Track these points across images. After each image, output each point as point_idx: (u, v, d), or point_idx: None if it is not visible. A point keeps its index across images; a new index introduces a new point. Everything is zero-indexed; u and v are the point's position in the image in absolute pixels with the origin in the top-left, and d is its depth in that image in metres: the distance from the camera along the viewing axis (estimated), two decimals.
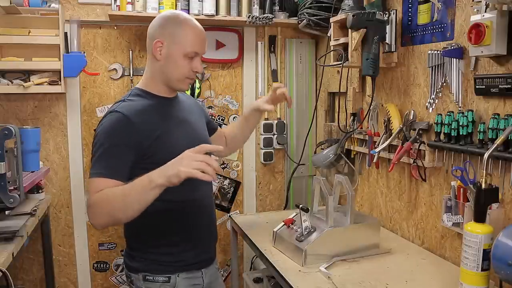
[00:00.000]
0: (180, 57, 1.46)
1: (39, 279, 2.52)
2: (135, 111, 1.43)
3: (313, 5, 2.38)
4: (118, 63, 2.54)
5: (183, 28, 1.46)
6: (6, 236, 1.70)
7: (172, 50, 1.46)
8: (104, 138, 1.38)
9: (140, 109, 1.45)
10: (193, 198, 1.55)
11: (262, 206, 2.88)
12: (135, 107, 1.44)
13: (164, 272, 1.49)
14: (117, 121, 1.39)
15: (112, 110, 1.44)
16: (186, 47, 1.46)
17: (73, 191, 2.52)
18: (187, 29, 1.47)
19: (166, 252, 1.51)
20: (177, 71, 1.48)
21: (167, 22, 1.48)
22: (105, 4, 2.43)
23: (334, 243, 1.71)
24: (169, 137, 1.46)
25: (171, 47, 1.46)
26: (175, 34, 1.45)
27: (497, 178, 1.48)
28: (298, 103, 2.85)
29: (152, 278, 1.49)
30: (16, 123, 2.36)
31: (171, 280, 1.49)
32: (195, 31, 1.49)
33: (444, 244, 1.78)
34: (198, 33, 1.50)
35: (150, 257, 1.51)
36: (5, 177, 1.68)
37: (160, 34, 1.46)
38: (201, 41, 1.50)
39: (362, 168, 2.32)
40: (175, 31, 1.46)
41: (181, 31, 1.46)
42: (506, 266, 1.18)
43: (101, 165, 1.36)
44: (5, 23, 2.21)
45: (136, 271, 1.51)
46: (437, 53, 1.71)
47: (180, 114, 1.58)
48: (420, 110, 1.87)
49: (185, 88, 1.55)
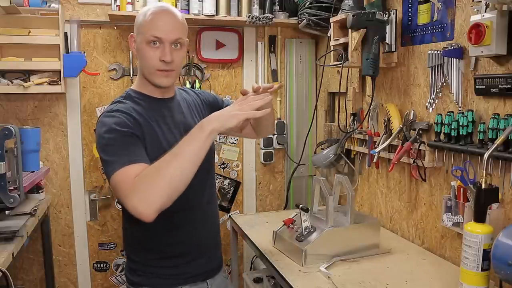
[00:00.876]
0: (144, 45, 1.34)
1: (39, 279, 2.52)
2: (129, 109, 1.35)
3: (313, 5, 2.38)
4: (118, 63, 2.54)
5: (147, 15, 1.35)
6: (6, 236, 1.70)
7: (138, 41, 1.37)
8: (112, 134, 1.25)
9: (134, 107, 1.36)
10: (195, 207, 1.46)
11: (262, 206, 2.88)
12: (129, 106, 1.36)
13: (168, 286, 1.42)
14: (120, 116, 1.30)
15: (110, 109, 1.34)
16: (146, 33, 1.33)
17: (73, 191, 2.52)
18: (149, 15, 1.35)
19: (169, 265, 1.43)
20: (146, 62, 1.36)
21: (139, 13, 1.39)
22: (105, 4, 2.44)
23: (334, 243, 1.71)
24: (160, 143, 1.35)
25: (137, 38, 1.37)
26: (140, 24, 1.36)
27: (497, 178, 1.48)
28: (298, 103, 2.85)
29: None
30: (16, 123, 2.36)
31: None
32: (156, 15, 1.34)
33: (444, 244, 1.78)
34: (160, 16, 1.34)
35: (151, 271, 1.42)
36: (5, 177, 1.68)
37: (134, 28, 1.40)
38: (164, 24, 1.33)
39: (362, 168, 2.32)
40: (141, 20, 1.36)
41: (144, 18, 1.35)
42: (506, 266, 1.18)
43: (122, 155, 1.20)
44: (5, 23, 2.21)
45: (138, 286, 1.43)
46: (437, 53, 1.71)
47: (177, 117, 1.45)
48: (420, 110, 1.87)
49: (163, 83, 1.39)
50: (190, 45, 2.63)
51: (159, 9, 1.36)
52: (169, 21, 1.35)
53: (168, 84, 1.41)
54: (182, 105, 1.51)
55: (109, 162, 1.22)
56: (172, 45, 1.35)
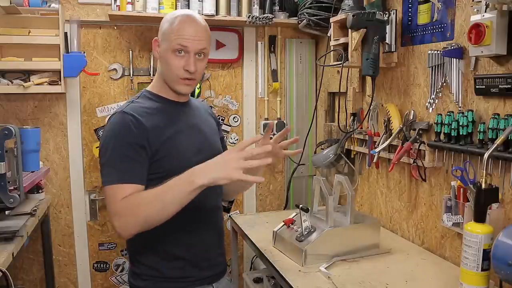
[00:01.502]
0: (169, 53, 1.34)
1: (39, 279, 2.52)
2: (143, 112, 1.35)
3: (313, 5, 2.38)
4: (118, 63, 2.54)
5: (174, 22, 1.35)
6: (6, 236, 1.70)
7: (163, 47, 1.37)
8: (115, 140, 1.29)
9: (148, 111, 1.37)
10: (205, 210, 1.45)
11: (262, 206, 2.88)
12: (144, 109, 1.37)
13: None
14: (126, 121, 1.30)
15: (119, 110, 1.35)
16: (172, 41, 1.33)
17: (73, 191, 2.52)
18: (177, 22, 1.34)
19: (175, 266, 1.41)
20: (169, 70, 1.37)
21: (165, 19, 1.40)
22: (105, 4, 2.43)
23: (334, 243, 1.71)
24: (178, 142, 1.38)
25: (162, 44, 1.37)
26: (166, 30, 1.36)
27: (497, 178, 1.48)
28: (298, 103, 2.85)
29: None
30: (16, 123, 2.35)
31: None
32: (184, 24, 1.34)
33: (444, 244, 1.78)
34: (187, 26, 1.34)
35: (156, 274, 1.40)
36: (5, 177, 1.68)
37: (159, 33, 1.41)
38: (191, 34, 1.33)
39: (362, 168, 2.32)
40: (167, 26, 1.36)
41: (170, 25, 1.35)
42: (506, 266, 1.18)
43: (117, 169, 1.27)
44: (5, 23, 2.21)
45: None
46: (437, 53, 1.71)
47: (191, 120, 1.47)
48: (420, 110, 1.87)
49: (183, 90, 1.41)
50: None
51: (187, 18, 1.36)
52: (196, 31, 1.35)
53: (188, 92, 1.45)
54: (195, 111, 1.54)
55: (103, 171, 1.31)
56: (197, 55, 1.36)
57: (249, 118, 2.78)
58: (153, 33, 2.56)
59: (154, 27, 2.56)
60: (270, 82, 2.78)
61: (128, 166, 1.28)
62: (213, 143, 1.52)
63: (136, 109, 1.35)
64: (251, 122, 2.78)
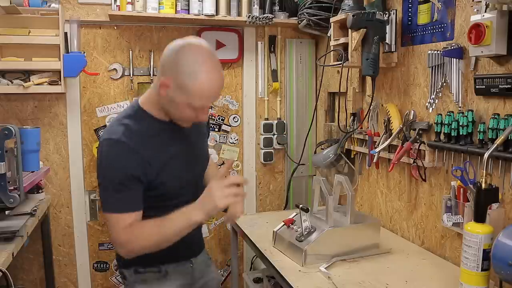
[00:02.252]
0: (185, 106, 1.30)
1: (39, 279, 2.52)
2: (137, 137, 1.33)
3: (313, 5, 2.38)
4: (118, 63, 2.54)
5: (196, 79, 1.25)
6: (6, 236, 1.70)
7: (177, 97, 1.29)
8: (110, 170, 1.32)
9: (144, 136, 1.35)
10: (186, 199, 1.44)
11: (262, 206, 2.88)
12: (137, 133, 1.34)
13: (154, 264, 1.50)
14: (120, 151, 1.31)
15: (111, 137, 1.32)
16: (194, 101, 1.29)
17: (73, 191, 2.52)
18: (199, 82, 1.26)
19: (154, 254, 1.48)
20: (179, 116, 1.36)
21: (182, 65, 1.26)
22: (105, 4, 2.43)
23: (334, 243, 1.71)
24: (173, 168, 1.40)
25: (177, 93, 1.28)
26: (185, 85, 1.26)
27: (497, 178, 1.48)
28: (298, 103, 2.85)
29: (143, 270, 1.49)
30: (16, 123, 2.35)
31: (162, 270, 1.50)
32: (207, 83, 1.27)
33: (444, 244, 1.78)
34: (211, 87, 1.29)
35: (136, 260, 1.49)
36: (5, 177, 1.68)
37: (170, 76, 1.28)
38: (213, 93, 1.32)
39: (362, 168, 2.32)
40: (186, 81, 1.26)
41: (191, 81, 1.26)
42: (506, 266, 1.18)
43: (116, 199, 1.32)
44: (5, 23, 2.21)
45: (128, 266, 1.50)
46: (437, 53, 1.71)
47: (185, 139, 1.47)
48: (420, 110, 1.87)
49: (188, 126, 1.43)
50: None
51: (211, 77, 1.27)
52: (217, 88, 1.32)
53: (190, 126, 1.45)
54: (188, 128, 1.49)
55: (101, 196, 1.37)
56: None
57: (249, 118, 2.78)
58: (153, 33, 2.57)
59: (154, 27, 2.56)
60: (270, 82, 2.78)
61: (125, 196, 1.32)
62: (202, 153, 1.61)
63: (131, 136, 1.32)
64: (251, 122, 2.78)
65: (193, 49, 1.29)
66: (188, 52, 1.28)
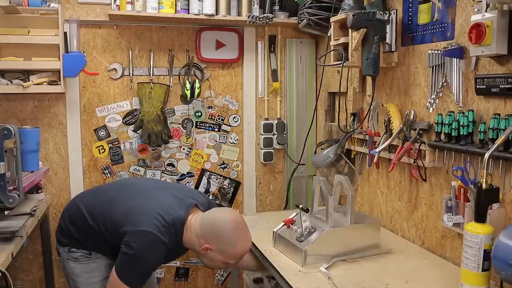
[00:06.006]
0: (219, 262, 1.70)
1: (39, 279, 2.52)
2: (171, 244, 1.65)
3: (313, 4, 2.37)
4: (118, 63, 2.54)
5: (236, 246, 1.65)
6: (6, 236, 1.70)
7: (216, 256, 1.67)
8: (146, 260, 1.62)
9: (172, 244, 1.67)
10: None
11: (262, 206, 2.88)
12: (172, 241, 1.66)
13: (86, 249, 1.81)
14: (161, 250, 1.63)
15: (158, 233, 1.61)
16: (230, 261, 1.69)
17: (72, 191, 2.51)
18: (237, 252, 1.67)
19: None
20: (211, 266, 1.81)
21: (224, 237, 1.65)
22: (104, 4, 2.43)
23: (334, 243, 1.70)
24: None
25: (216, 254, 1.67)
26: (225, 250, 1.66)
27: (498, 178, 1.48)
28: (298, 103, 2.85)
29: (75, 250, 1.81)
30: (16, 123, 2.35)
31: (92, 254, 1.80)
32: (242, 251, 1.69)
33: (444, 244, 1.78)
34: (244, 252, 1.70)
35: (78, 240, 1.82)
36: (4, 177, 1.68)
37: (213, 242, 1.65)
38: (245, 253, 1.72)
39: (362, 168, 2.31)
40: (226, 248, 1.65)
41: (232, 247, 1.65)
42: (507, 266, 1.18)
43: (136, 276, 1.62)
44: (5, 23, 2.21)
45: (65, 245, 1.84)
46: (438, 53, 1.71)
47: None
48: (420, 110, 1.87)
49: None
50: (189, 44, 2.63)
51: (245, 244, 1.69)
52: (248, 250, 1.73)
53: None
54: None
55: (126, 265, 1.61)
56: None
57: (249, 118, 2.78)
58: (153, 33, 2.57)
59: (153, 27, 2.56)
60: (270, 82, 2.78)
61: (144, 278, 1.65)
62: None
63: (169, 239, 1.64)
64: (251, 122, 2.78)
65: (231, 225, 1.66)
66: (228, 227, 1.66)
